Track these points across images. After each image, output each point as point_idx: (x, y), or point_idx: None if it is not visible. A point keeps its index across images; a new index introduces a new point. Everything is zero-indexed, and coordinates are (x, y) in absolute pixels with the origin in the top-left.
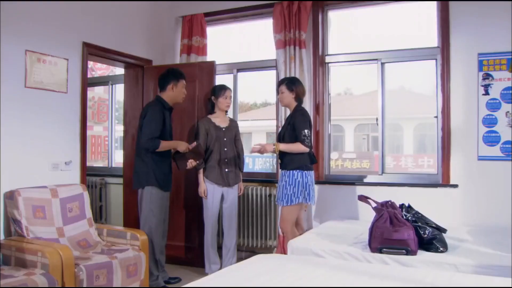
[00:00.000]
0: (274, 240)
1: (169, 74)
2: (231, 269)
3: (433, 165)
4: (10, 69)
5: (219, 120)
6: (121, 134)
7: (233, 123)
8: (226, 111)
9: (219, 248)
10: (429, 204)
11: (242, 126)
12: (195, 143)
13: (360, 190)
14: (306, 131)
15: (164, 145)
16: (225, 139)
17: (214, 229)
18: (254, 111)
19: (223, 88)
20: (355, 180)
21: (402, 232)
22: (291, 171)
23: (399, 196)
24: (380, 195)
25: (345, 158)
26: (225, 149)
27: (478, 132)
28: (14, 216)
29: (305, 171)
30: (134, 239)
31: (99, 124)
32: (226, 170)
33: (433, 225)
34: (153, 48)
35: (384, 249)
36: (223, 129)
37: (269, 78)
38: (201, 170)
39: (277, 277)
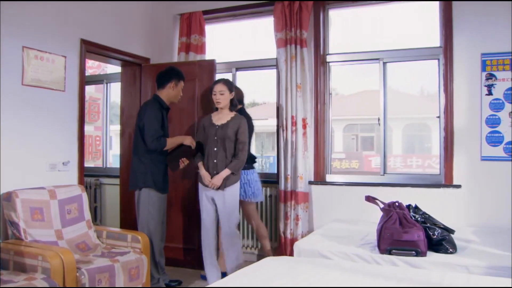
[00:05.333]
0: (274, 241)
1: (172, 72)
2: (243, 273)
3: (422, 165)
4: (7, 66)
5: (217, 117)
6: (113, 134)
7: (235, 121)
8: (229, 109)
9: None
10: (432, 204)
11: None
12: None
13: (362, 190)
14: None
15: (170, 142)
16: (215, 137)
17: (209, 235)
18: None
19: (213, 84)
20: (353, 180)
21: (412, 233)
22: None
23: (402, 197)
24: (383, 195)
25: (334, 158)
26: (215, 149)
27: (481, 132)
28: (11, 219)
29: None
30: (135, 241)
31: (90, 124)
32: (215, 172)
33: (441, 226)
34: (151, 46)
35: (394, 251)
36: (217, 126)
37: (267, 77)
38: (200, 163)
39: (293, 279)
